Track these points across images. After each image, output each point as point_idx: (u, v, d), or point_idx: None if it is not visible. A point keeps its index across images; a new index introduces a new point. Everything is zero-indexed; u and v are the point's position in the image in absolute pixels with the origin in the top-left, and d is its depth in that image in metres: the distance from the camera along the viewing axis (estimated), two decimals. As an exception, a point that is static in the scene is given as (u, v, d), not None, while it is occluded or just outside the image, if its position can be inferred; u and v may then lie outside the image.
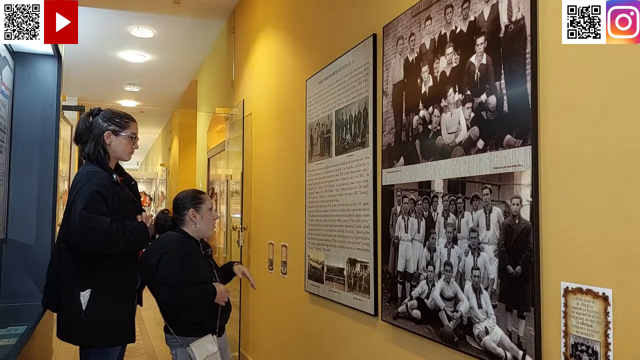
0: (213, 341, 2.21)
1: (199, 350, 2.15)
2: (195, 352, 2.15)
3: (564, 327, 1.23)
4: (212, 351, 2.17)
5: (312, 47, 2.94)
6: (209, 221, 2.37)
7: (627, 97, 1.13)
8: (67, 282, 2.19)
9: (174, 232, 2.31)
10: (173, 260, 2.18)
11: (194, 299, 2.17)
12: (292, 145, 3.21)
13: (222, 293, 2.25)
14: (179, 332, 2.23)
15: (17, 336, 2.06)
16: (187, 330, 2.22)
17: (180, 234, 2.31)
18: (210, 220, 2.37)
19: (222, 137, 5.08)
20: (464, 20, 1.61)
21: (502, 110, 1.44)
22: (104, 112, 2.34)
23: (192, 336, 2.21)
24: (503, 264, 1.42)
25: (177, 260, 2.18)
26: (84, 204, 2.09)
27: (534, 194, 1.33)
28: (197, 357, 2.14)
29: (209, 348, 2.18)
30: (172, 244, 2.23)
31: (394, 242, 1.96)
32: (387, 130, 2.03)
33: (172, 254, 2.19)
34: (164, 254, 2.18)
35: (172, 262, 2.17)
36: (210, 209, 2.38)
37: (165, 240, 2.25)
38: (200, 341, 2.18)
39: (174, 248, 2.21)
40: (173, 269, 2.16)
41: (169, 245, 2.22)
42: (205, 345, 2.17)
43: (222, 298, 2.25)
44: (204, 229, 2.35)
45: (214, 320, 2.27)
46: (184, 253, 2.22)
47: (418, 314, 1.80)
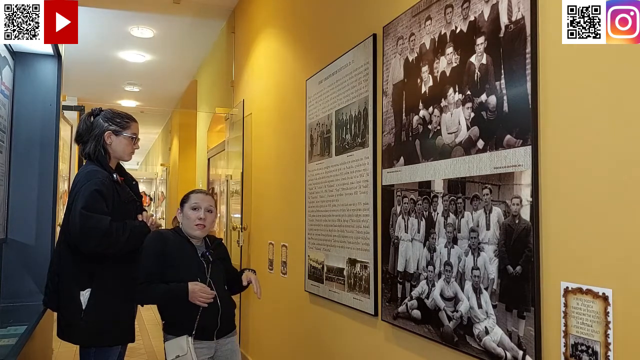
0: (187, 342, 2.13)
1: (170, 349, 2.14)
2: (167, 350, 2.15)
3: (564, 327, 1.23)
4: (181, 352, 2.11)
5: (312, 47, 2.94)
6: (189, 220, 2.30)
7: (627, 97, 1.13)
8: (67, 281, 2.19)
9: (159, 230, 2.36)
10: (145, 255, 2.20)
11: (160, 296, 2.17)
12: (292, 145, 3.21)
13: (196, 293, 2.15)
14: (164, 328, 2.25)
15: (17, 336, 2.06)
16: (167, 328, 2.23)
17: (171, 230, 2.35)
18: (191, 220, 2.29)
19: (222, 137, 5.08)
20: (464, 20, 1.61)
21: (502, 110, 1.44)
22: (105, 112, 2.35)
23: (172, 334, 2.19)
24: (503, 264, 1.42)
25: (149, 256, 2.20)
26: (84, 203, 2.09)
27: (534, 194, 1.33)
28: (167, 355, 2.15)
29: (182, 348, 2.12)
30: (149, 239, 2.25)
31: (394, 242, 1.96)
32: (387, 130, 2.03)
33: (146, 249, 2.22)
34: (143, 248, 2.23)
35: (144, 257, 2.20)
36: (193, 207, 2.30)
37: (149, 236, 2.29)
38: (175, 340, 2.15)
39: (149, 243, 2.23)
40: (145, 262, 2.19)
41: (147, 240, 2.25)
42: (179, 344, 2.13)
43: (196, 298, 2.15)
44: (186, 227, 2.33)
45: (192, 321, 2.18)
46: (159, 248, 2.21)
47: (418, 314, 1.80)
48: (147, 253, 2.21)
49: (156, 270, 2.18)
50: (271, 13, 3.74)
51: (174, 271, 2.20)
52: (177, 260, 2.22)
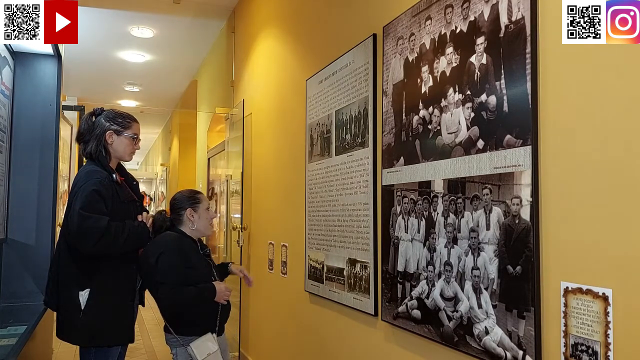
0: (213, 340, 2.21)
1: (199, 350, 2.15)
2: (196, 351, 2.15)
3: (564, 327, 1.23)
4: (212, 350, 2.17)
5: (312, 47, 2.94)
6: (207, 221, 2.37)
7: (627, 97, 1.13)
8: (66, 281, 2.19)
9: (172, 232, 2.31)
10: (171, 260, 2.17)
11: (193, 298, 2.17)
12: (292, 145, 3.21)
13: (222, 292, 2.24)
14: (179, 331, 2.22)
15: (17, 336, 2.07)
16: (187, 330, 2.22)
17: (178, 234, 2.30)
18: (207, 220, 2.37)
19: (222, 137, 5.08)
20: (464, 20, 1.61)
21: (502, 110, 1.44)
22: (107, 112, 2.35)
23: (192, 335, 2.20)
24: (503, 264, 1.42)
25: (175, 260, 2.18)
26: (83, 203, 2.09)
27: (534, 194, 1.33)
28: (198, 356, 2.14)
29: (210, 347, 2.17)
30: (170, 243, 2.23)
31: (394, 242, 1.96)
32: (387, 130, 2.03)
33: (170, 254, 2.18)
34: (162, 253, 2.18)
35: (170, 261, 2.17)
36: (207, 208, 2.37)
37: (163, 240, 2.25)
38: (200, 340, 2.18)
39: (172, 248, 2.21)
40: (171, 268, 2.16)
41: (167, 245, 2.22)
42: (206, 344, 2.17)
43: (222, 297, 2.25)
44: (202, 228, 2.35)
45: (214, 319, 2.26)
46: (182, 253, 2.21)
47: (418, 314, 1.80)
48: (172, 258, 2.18)
49: (183, 274, 2.18)
50: (271, 13, 3.74)
51: (194, 272, 2.22)
52: (194, 261, 2.25)
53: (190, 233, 2.33)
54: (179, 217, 2.34)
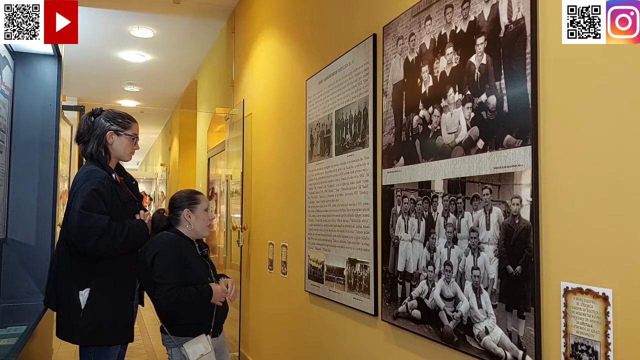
0: (207, 341, 2.19)
1: (192, 350, 2.15)
2: (189, 351, 2.15)
3: (564, 327, 1.23)
4: (205, 351, 2.16)
5: (312, 47, 2.94)
6: (204, 222, 2.34)
7: (627, 97, 1.13)
8: (66, 281, 2.19)
9: (169, 232, 2.30)
10: (166, 260, 2.16)
11: (191, 299, 2.15)
12: (292, 145, 3.21)
13: (219, 293, 2.24)
14: (174, 332, 2.22)
15: (17, 336, 2.07)
16: (182, 330, 2.21)
17: (175, 234, 2.29)
18: (205, 221, 2.35)
19: (222, 137, 5.08)
20: (464, 20, 1.61)
21: (502, 110, 1.44)
22: (107, 112, 2.35)
23: (187, 336, 2.19)
24: (503, 263, 1.42)
25: (171, 260, 2.17)
26: (82, 202, 2.10)
27: (534, 194, 1.33)
28: (191, 357, 2.14)
29: (203, 348, 2.16)
30: (166, 243, 2.22)
31: (394, 242, 1.96)
32: (387, 130, 2.03)
33: (166, 254, 2.18)
34: (158, 253, 2.17)
35: (165, 262, 2.16)
36: (206, 209, 2.35)
37: (160, 240, 2.24)
38: (193, 341, 2.17)
39: (169, 248, 2.20)
40: (168, 268, 2.15)
41: (163, 244, 2.21)
42: (199, 345, 2.16)
43: (218, 298, 2.24)
44: (198, 229, 2.33)
45: (209, 321, 2.25)
46: (178, 253, 2.21)
47: (418, 313, 1.80)
48: (168, 258, 2.18)
49: (180, 274, 2.17)
50: (271, 13, 3.74)
51: (191, 273, 2.21)
52: (191, 262, 2.24)
53: (187, 233, 2.32)
54: (176, 217, 2.33)
